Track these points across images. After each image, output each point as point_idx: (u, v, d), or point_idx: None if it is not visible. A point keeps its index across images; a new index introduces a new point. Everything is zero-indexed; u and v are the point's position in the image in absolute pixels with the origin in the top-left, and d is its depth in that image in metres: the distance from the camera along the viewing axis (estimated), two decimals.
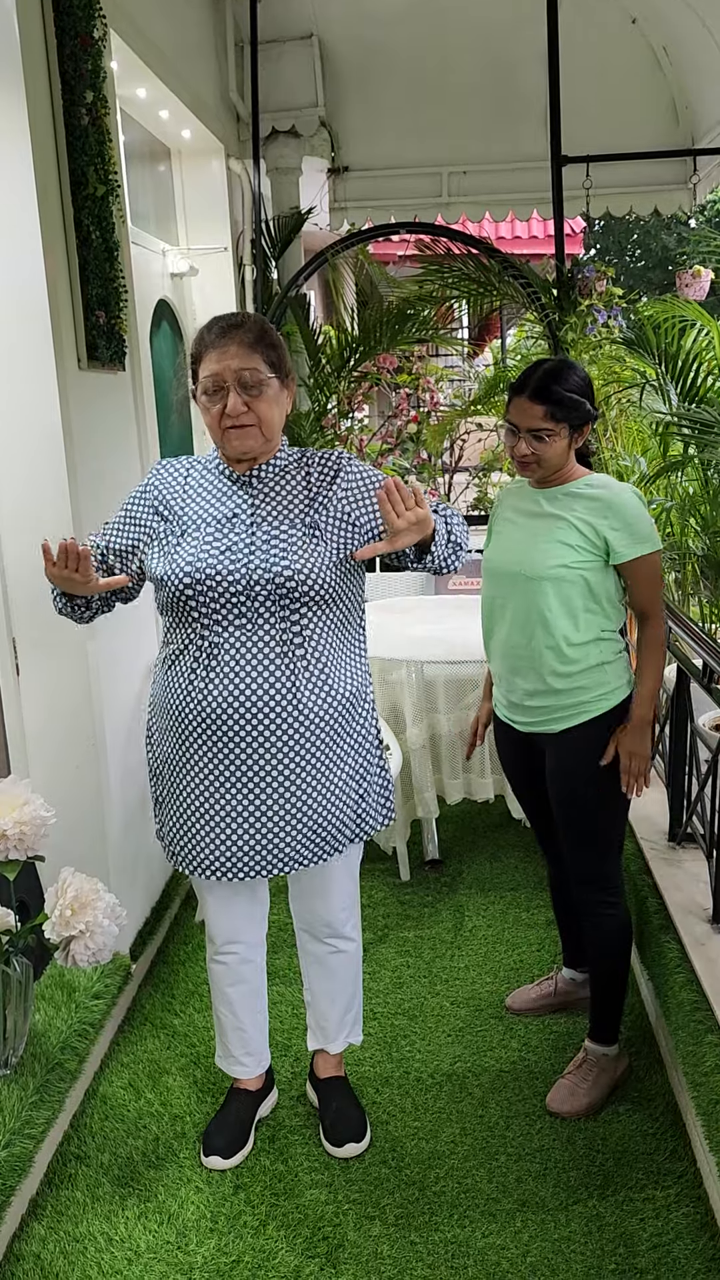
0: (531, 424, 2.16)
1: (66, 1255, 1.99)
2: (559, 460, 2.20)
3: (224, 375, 1.88)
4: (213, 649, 1.93)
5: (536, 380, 2.15)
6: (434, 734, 3.48)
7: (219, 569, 1.90)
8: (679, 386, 4.27)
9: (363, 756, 2.09)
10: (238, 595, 1.90)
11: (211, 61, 4.12)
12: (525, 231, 8.44)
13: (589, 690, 2.22)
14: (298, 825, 2.00)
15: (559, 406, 2.14)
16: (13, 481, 2.49)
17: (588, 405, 2.17)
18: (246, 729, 1.93)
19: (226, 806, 1.98)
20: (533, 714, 2.29)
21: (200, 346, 1.93)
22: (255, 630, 1.91)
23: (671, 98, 4.61)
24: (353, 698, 2.04)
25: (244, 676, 1.92)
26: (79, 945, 2.13)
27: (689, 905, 2.65)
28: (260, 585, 1.89)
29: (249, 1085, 2.34)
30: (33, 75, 2.33)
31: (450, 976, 2.90)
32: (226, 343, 1.89)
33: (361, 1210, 2.09)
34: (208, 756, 1.97)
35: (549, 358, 2.26)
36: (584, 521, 2.17)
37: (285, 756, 1.95)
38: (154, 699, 2.08)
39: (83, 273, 2.54)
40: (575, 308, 4.11)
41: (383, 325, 4.51)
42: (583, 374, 2.20)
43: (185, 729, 1.98)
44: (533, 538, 2.22)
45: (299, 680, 1.93)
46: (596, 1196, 2.10)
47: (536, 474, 2.23)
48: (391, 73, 4.61)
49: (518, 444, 2.19)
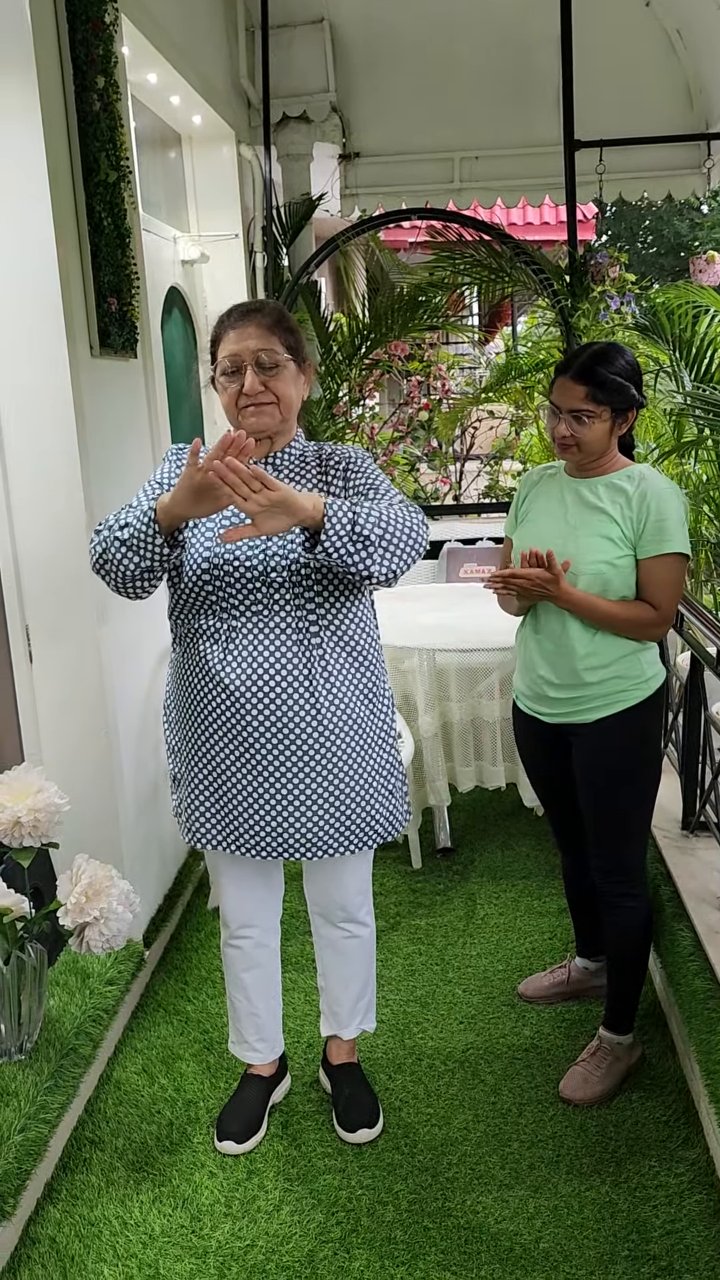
0: (572, 404, 2.14)
1: (82, 1239, 2.00)
2: (599, 445, 2.17)
3: (242, 355, 1.90)
4: (231, 633, 1.93)
5: (582, 361, 2.13)
6: (446, 722, 3.48)
7: (237, 554, 1.90)
8: (693, 372, 4.24)
9: (386, 753, 2.10)
10: (254, 581, 1.90)
11: (222, 46, 4.09)
12: (537, 218, 8.39)
13: (624, 679, 2.20)
14: (318, 813, 2.00)
15: (601, 388, 2.11)
16: (25, 469, 2.49)
17: (633, 390, 2.14)
18: (263, 715, 1.93)
19: (248, 788, 1.99)
20: (563, 705, 2.27)
21: (220, 329, 1.96)
22: (272, 616, 1.91)
23: (685, 81, 4.56)
24: (370, 686, 2.03)
25: (261, 662, 1.92)
26: (93, 932, 2.14)
27: (702, 893, 2.64)
28: (276, 571, 1.89)
29: (262, 1071, 2.35)
30: (44, 60, 2.32)
31: (462, 964, 2.90)
32: (245, 324, 1.91)
33: (374, 1195, 2.09)
34: (225, 740, 1.98)
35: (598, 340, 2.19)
36: (624, 516, 2.14)
37: (303, 743, 1.96)
38: (171, 682, 2.09)
39: (94, 259, 2.54)
40: (588, 294, 4.08)
41: (394, 312, 4.49)
42: (631, 359, 2.17)
43: (202, 714, 1.99)
44: (573, 531, 2.19)
45: (314, 668, 1.93)
46: (609, 1183, 2.10)
47: (575, 458, 2.20)
48: (403, 57, 4.58)
49: (558, 425, 2.17)
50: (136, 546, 1.82)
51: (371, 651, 2.06)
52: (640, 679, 2.22)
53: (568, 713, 2.27)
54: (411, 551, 1.86)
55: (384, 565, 1.81)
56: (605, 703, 2.22)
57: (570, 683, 2.23)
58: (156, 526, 1.80)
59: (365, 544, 1.79)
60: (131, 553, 1.83)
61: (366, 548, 1.79)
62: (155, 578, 1.90)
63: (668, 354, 4.29)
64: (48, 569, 2.54)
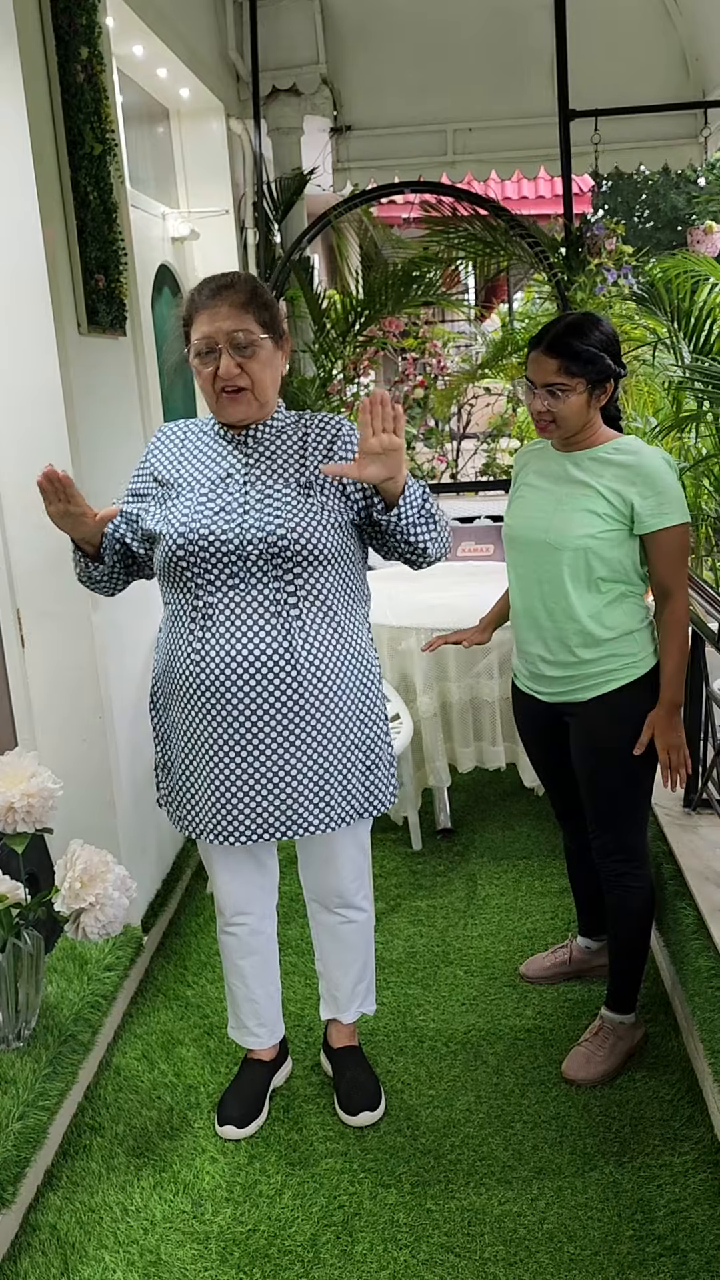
0: (546, 379, 2.09)
1: (83, 1225, 1.99)
2: (577, 419, 2.12)
3: (216, 337, 1.85)
4: (208, 609, 1.91)
5: (554, 333, 2.08)
6: (445, 702, 3.45)
7: (212, 529, 1.87)
8: (692, 343, 4.19)
9: (370, 728, 2.06)
10: (230, 556, 1.87)
11: (210, 18, 4.02)
12: (532, 191, 8.31)
13: (618, 658, 2.18)
14: (301, 788, 1.97)
15: (575, 360, 2.06)
16: (13, 449, 2.45)
17: (609, 361, 2.09)
18: (243, 691, 1.91)
19: (229, 769, 1.96)
20: (558, 684, 2.24)
21: (191, 308, 1.90)
22: (249, 591, 1.89)
23: (681, 49, 4.49)
24: (353, 663, 2.00)
25: (239, 638, 1.89)
26: (89, 918, 2.12)
27: (705, 871, 2.62)
28: (253, 545, 1.87)
29: (262, 1056, 2.33)
30: (25, 31, 2.27)
31: (464, 945, 2.88)
32: (218, 303, 1.86)
33: (377, 1179, 2.08)
34: (208, 719, 1.95)
35: (574, 312, 2.17)
36: (611, 490, 2.10)
37: (284, 718, 1.93)
38: (156, 664, 2.07)
39: (81, 235, 2.49)
40: (584, 267, 4.03)
41: (388, 288, 4.43)
42: (608, 329, 2.11)
43: (185, 692, 1.96)
44: (558, 505, 2.16)
45: (294, 641, 1.90)
46: (613, 1163, 2.08)
47: (555, 434, 2.16)
48: (394, 27, 4.50)
49: (534, 400, 2.13)
50: (74, 565, 2.04)
51: (354, 622, 2.02)
52: (636, 657, 2.19)
53: (564, 691, 2.24)
54: (449, 542, 1.99)
55: (437, 546, 1.93)
56: (601, 681, 2.19)
57: (565, 659, 2.20)
58: (83, 563, 2.01)
59: (430, 521, 1.89)
60: (88, 573, 2.04)
61: (430, 525, 1.89)
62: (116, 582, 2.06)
63: (666, 325, 4.24)
64: (38, 552, 2.51)
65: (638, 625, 2.19)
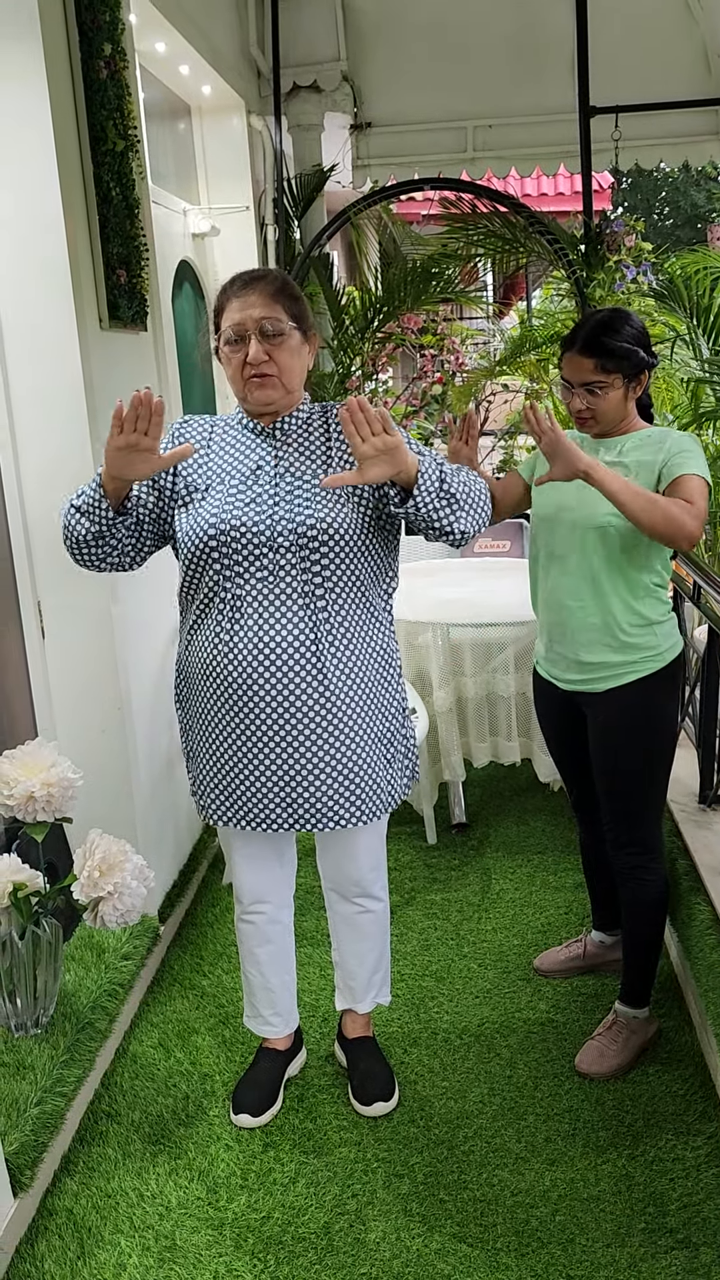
0: (584, 378, 2.13)
1: (99, 1210, 2.01)
2: (616, 413, 2.16)
3: (246, 324, 1.89)
4: (237, 602, 1.92)
5: (586, 333, 2.11)
6: (460, 697, 3.46)
7: (244, 521, 1.89)
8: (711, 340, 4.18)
9: (390, 721, 2.08)
10: (261, 547, 1.89)
11: (231, 14, 4.03)
12: (552, 188, 8.29)
13: (639, 650, 2.19)
14: (327, 783, 1.99)
15: (610, 357, 2.10)
16: (35, 442, 2.47)
17: (642, 353, 2.12)
18: (271, 681, 1.92)
19: (256, 759, 1.98)
20: (580, 671, 2.25)
21: (223, 298, 1.94)
22: (278, 583, 1.90)
23: (703, 45, 4.46)
24: (377, 656, 2.02)
25: (268, 629, 1.91)
26: (107, 906, 2.14)
27: (719, 867, 2.62)
28: (283, 536, 1.88)
29: (278, 1045, 2.35)
30: (50, 27, 2.29)
31: (478, 939, 2.89)
32: (248, 293, 1.90)
33: (390, 1168, 2.09)
34: (235, 709, 1.96)
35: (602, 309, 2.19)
36: (639, 462, 2.13)
37: (310, 710, 1.94)
38: (180, 656, 2.08)
39: (103, 230, 2.51)
40: (603, 263, 4.02)
41: (406, 284, 4.43)
42: (636, 322, 2.14)
43: (212, 683, 1.98)
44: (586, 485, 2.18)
45: (320, 633, 1.92)
46: (626, 1156, 2.09)
47: (595, 429, 2.20)
48: (415, 24, 4.49)
49: (573, 400, 2.15)
50: (88, 511, 1.89)
51: (379, 616, 2.04)
52: (654, 651, 2.19)
53: (582, 680, 2.25)
54: (486, 510, 1.94)
55: (466, 522, 1.89)
56: (619, 672, 2.20)
57: (589, 644, 2.21)
58: (102, 491, 1.86)
59: (452, 501, 1.86)
60: (83, 517, 1.90)
61: (452, 505, 1.86)
62: (108, 548, 1.93)
63: (685, 322, 4.23)
64: (59, 544, 2.53)
65: (660, 617, 2.20)
